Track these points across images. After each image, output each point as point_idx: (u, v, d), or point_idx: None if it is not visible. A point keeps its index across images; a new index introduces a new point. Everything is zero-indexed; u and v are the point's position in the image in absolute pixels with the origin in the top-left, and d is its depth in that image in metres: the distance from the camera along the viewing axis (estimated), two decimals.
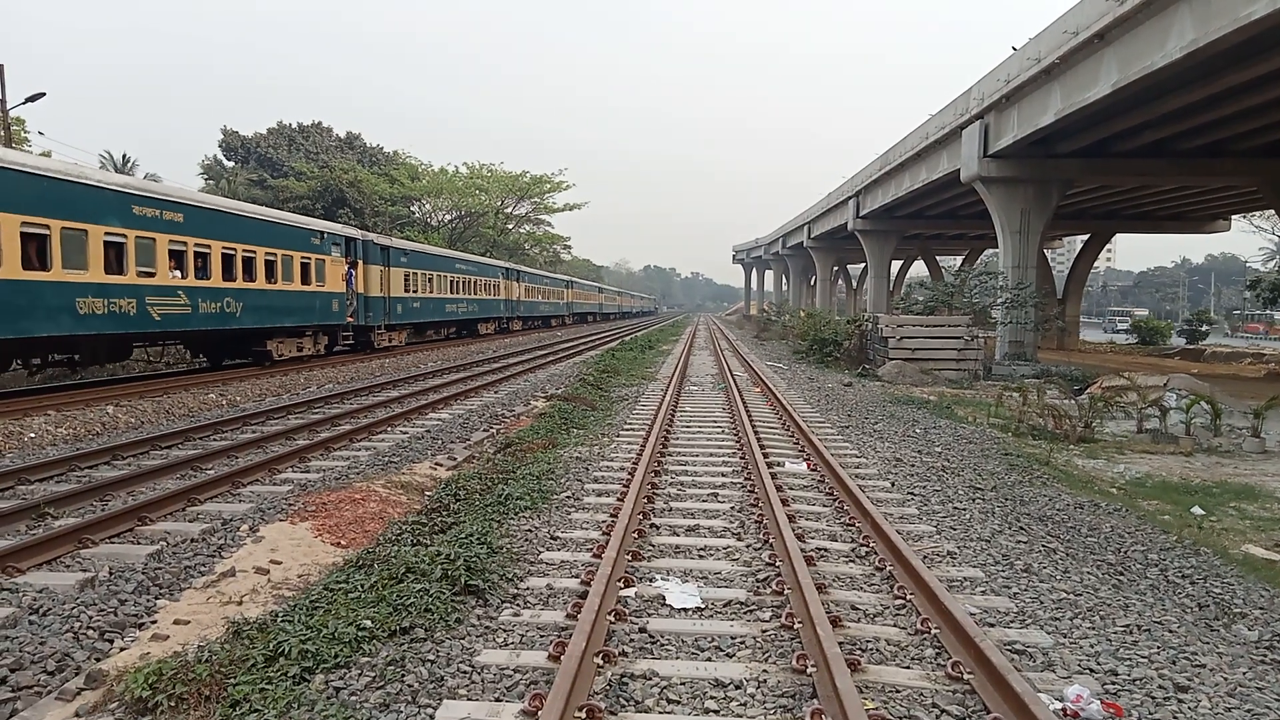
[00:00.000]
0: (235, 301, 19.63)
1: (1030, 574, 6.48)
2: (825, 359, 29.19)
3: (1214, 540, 8.07)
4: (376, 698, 4.30)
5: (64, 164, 16.51)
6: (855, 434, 13.28)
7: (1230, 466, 12.25)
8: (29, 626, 5.36)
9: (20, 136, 34.22)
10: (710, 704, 4.38)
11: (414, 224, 61.54)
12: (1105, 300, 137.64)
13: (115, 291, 15.65)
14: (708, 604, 5.76)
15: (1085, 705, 4.27)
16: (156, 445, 11.57)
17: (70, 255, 14.56)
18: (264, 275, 20.98)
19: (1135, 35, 18.28)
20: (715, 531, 7.57)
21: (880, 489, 9.33)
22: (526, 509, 8.12)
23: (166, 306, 17.21)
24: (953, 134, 29.64)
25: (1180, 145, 26.03)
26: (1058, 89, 22.16)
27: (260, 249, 20.79)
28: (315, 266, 23.66)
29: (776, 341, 44.20)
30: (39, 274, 13.94)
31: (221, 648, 4.75)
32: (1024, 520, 8.23)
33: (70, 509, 8.16)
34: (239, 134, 67.21)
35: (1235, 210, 43.21)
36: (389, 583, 5.66)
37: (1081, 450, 13.20)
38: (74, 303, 14.65)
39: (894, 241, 50.02)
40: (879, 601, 5.82)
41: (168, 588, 6.24)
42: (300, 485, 9.45)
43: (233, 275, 19.60)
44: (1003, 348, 28.37)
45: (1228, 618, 5.93)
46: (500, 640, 5.10)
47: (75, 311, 14.68)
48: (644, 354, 31.67)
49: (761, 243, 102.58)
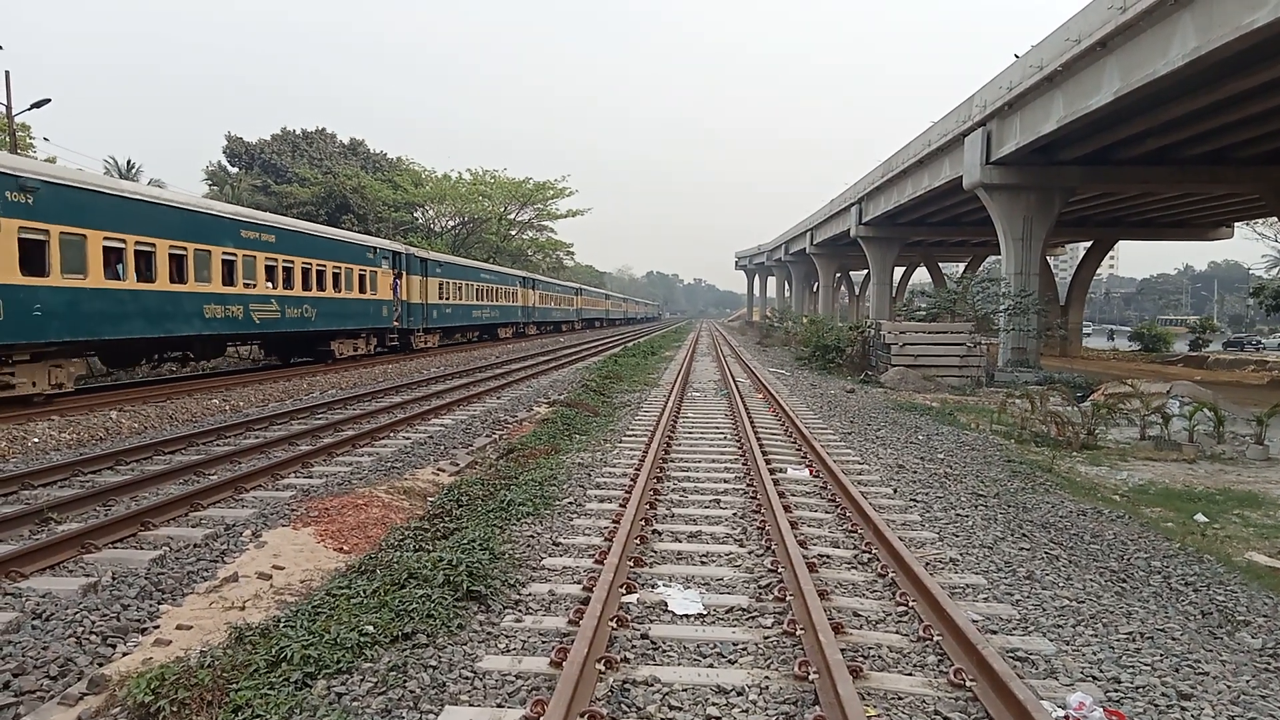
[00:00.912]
0: (311, 308, 23.21)
1: (1033, 581, 6.47)
2: (828, 365, 29.19)
3: (1217, 547, 8.05)
4: (379, 703, 4.30)
5: (194, 199, 20.96)
6: (857, 440, 13.27)
7: (1233, 473, 12.22)
8: (32, 631, 5.37)
9: (25, 142, 34.34)
10: (712, 710, 4.37)
11: (417, 230, 61.66)
12: (1109, 308, 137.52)
13: (230, 300, 19.42)
14: (710, 610, 5.76)
15: (1088, 713, 4.27)
16: (160, 450, 11.59)
17: (199, 271, 18.27)
18: (331, 286, 24.62)
19: (1137, 43, 18.30)
20: (717, 538, 7.57)
21: (882, 495, 9.33)
22: (529, 515, 8.13)
23: (263, 312, 20.81)
24: (955, 141, 29.66)
25: (1183, 152, 26.03)
26: (1060, 96, 22.18)
27: (329, 263, 24.46)
28: (370, 277, 27.41)
29: (779, 348, 44.20)
30: (179, 286, 17.66)
31: (224, 653, 4.76)
32: (1026, 527, 8.23)
33: (73, 514, 8.18)
34: (243, 140, 67.43)
35: (1238, 217, 43.15)
36: (391, 588, 5.66)
37: (1084, 457, 13.18)
38: (202, 308, 18.40)
39: (897, 248, 50.00)
40: (881, 608, 5.82)
41: (170, 593, 6.25)
42: (303, 490, 9.47)
43: (309, 286, 23.20)
44: (1005, 354, 28.34)
45: (1231, 625, 5.91)
46: (502, 646, 5.10)
47: (203, 315, 18.46)
48: (646, 360, 31.68)
49: (764, 249, 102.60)
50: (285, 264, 21.99)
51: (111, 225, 15.72)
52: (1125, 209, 39.67)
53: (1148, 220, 43.28)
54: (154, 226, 16.96)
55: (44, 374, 14.76)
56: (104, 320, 15.49)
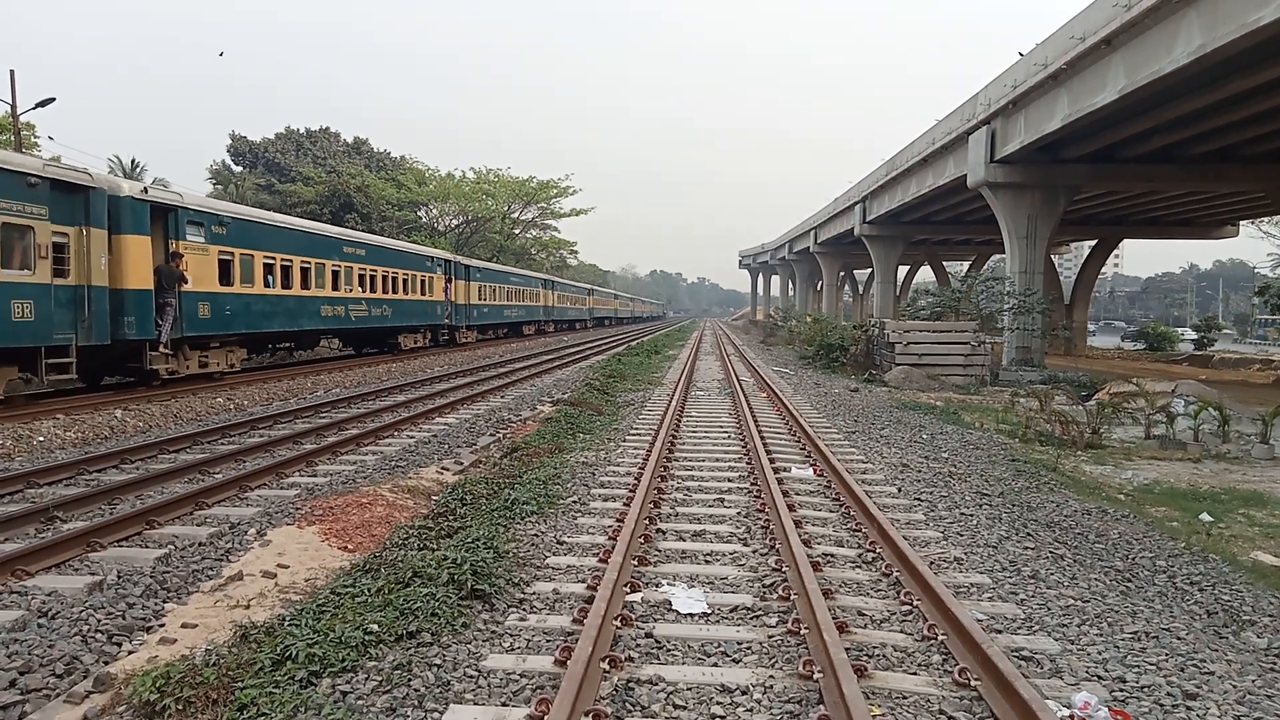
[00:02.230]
0: (388, 308, 28.61)
1: (1037, 580, 6.47)
2: (831, 364, 29.17)
3: (1222, 547, 8.04)
4: (383, 702, 4.30)
5: (313, 224, 26.65)
6: (861, 439, 13.26)
7: (1239, 473, 12.20)
8: (37, 629, 5.38)
9: (30, 142, 34.42)
10: (716, 709, 4.37)
11: (421, 229, 61.71)
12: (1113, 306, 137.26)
13: (336, 302, 24.71)
14: (714, 609, 5.75)
15: (1093, 712, 4.26)
16: (164, 449, 11.61)
17: (318, 280, 23.52)
18: (402, 290, 30.14)
19: (1142, 41, 18.26)
20: (721, 537, 7.57)
21: (887, 494, 9.32)
22: (533, 514, 8.13)
23: (357, 311, 26.10)
24: (959, 139, 29.61)
25: (1188, 151, 25.97)
26: (1065, 95, 22.14)
27: (400, 271, 29.99)
28: (428, 282, 32.95)
29: (783, 347, 44.19)
30: (304, 291, 22.66)
31: (229, 651, 4.77)
32: (1031, 526, 8.21)
33: (79, 512, 8.19)
34: (247, 139, 67.53)
35: (1243, 216, 43.03)
36: (396, 587, 5.67)
37: (1089, 456, 13.16)
38: (319, 309, 23.53)
39: (900, 247, 49.91)
40: (886, 607, 5.81)
41: (175, 591, 6.26)
42: (308, 489, 9.48)
43: (387, 290, 28.63)
44: (1010, 353, 28.29)
45: (1236, 625, 5.90)
46: (506, 645, 5.11)
47: (320, 314, 23.63)
48: (650, 359, 31.69)
49: (768, 248, 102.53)
50: (371, 273, 27.31)
51: (267, 247, 20.88)
52: (1130, 207, 39.58)
53: (1153, 219, 43.18)
54: (291, 246, 22.19)
55: (224, 357, 19.46)
56: (263, 318, 20.64)
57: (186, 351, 17.94)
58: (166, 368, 17.14)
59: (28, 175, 13.58)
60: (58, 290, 14.08)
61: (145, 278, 16.14)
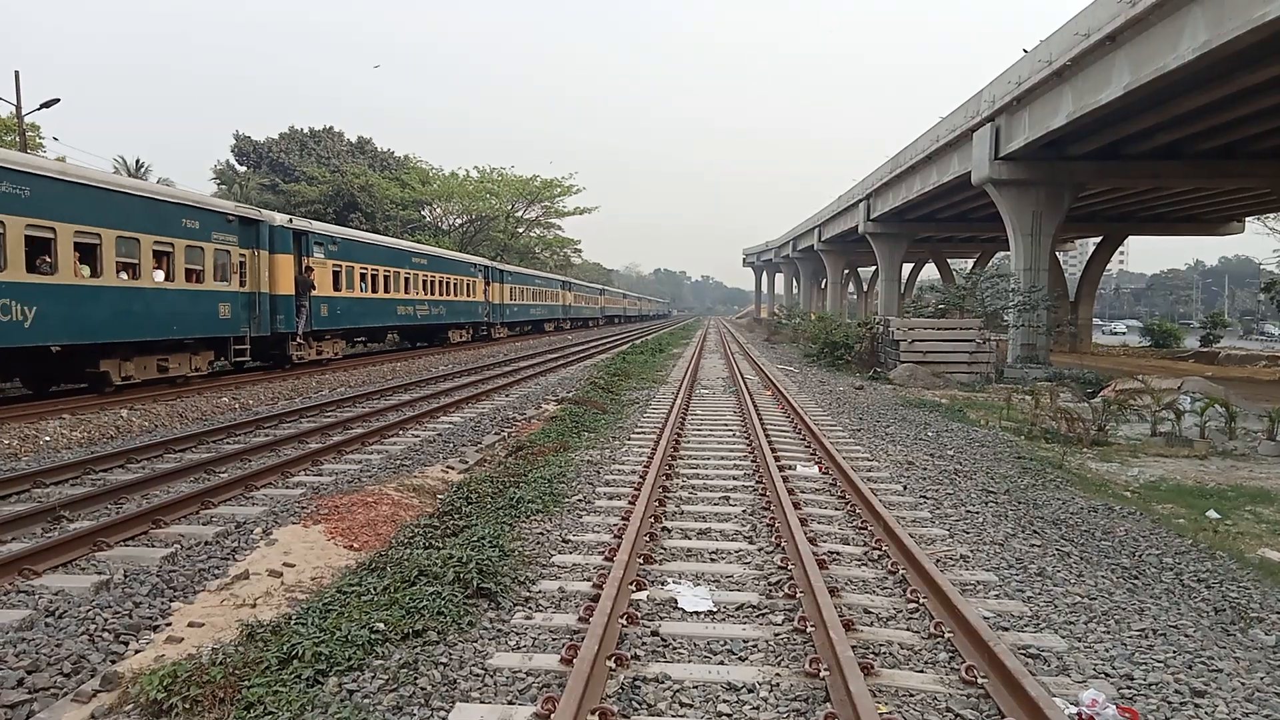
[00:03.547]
0: (444, 308, 34.50)
1: (1044, 578, 6.45)
2: (836, 362, 29.12)
3: (1230, 544, 8.01)
4: (390, 700, 4.31)
5: (395, 240, 34.84)
6: (867, 437, 13.24)
7: (1245, 470, 12.16)
8: (45, 629, 5.40)
9: (35, 142, 34.49)
10: (723, 707, 4.37)
11: (425, 228, 61.75)
12: (1119, 303, 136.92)
13: (406, 304, 30.32)
14: (720, 607, 5.75)
15: (1101, 710, 4.24)
16: (170, 449, 11.63)
17: (395, 285, 29.14)
18: (453, 292, 35.88)
19: (1147, 37, 18.19)
20: (727, 535, 7.56)
21: (892, 492, 9.30)
22: (538, 512, 8.13)
23: (421, 311, 31.83)
24: (964, 136, 29.55)
25: (1193, 147, 25.87)
26: (1069, 91, 22.07)
27: (451, 276, 35.74)
28: (472, 285, 38.94)
29: (787, 345, 44.14)
30: (385, 295, 28.21)
31: (236, 650, 4.77)
32: (1038, 524, 8.19)
33: (85, 512, 8.22)
34: (251, 139, 67.62)
35: (1249, 212, 42.88)
36: (402, 585, 5.67)
37: (1095, 453, 13.13)
38: (396, 309, 29.25)
39: (905, 244, 49.83)
40: (892, 605, 5.80)
41: (182, 590, 6.28)
42: (313, 488, 9.49)
43: (443, 292, 34.49)
44: (1015, 351, 28.24)
45: (1244, 622, 5.88)
46: (513, 643, 5.11)
47: (396, 313, 29.37)
48: (654, 357, 31.68)
49: (772, 246, 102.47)
50: (430, 278, 32.83)
51: (361, 259, 26.39)
52: (1135, 204, 39.48)
53: (1158, 215, 43.08)
54: (376, 258, 27.71)
55: (332, 347, 24.47)
56: (359, 316, 25.98)
57: (310, 342, 22.89)
58: (299, 354, 22.15)
59: (227, 215, 19.11)
60: (242, 296, 19.43)
61: (290, 285, 21.35)
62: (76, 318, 14.28)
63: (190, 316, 17.54)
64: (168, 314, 16.79)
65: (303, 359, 22.37)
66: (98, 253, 14.88)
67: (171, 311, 16.91)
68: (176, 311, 17.08)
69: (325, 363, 23.89)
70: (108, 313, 15.03)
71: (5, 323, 12.76)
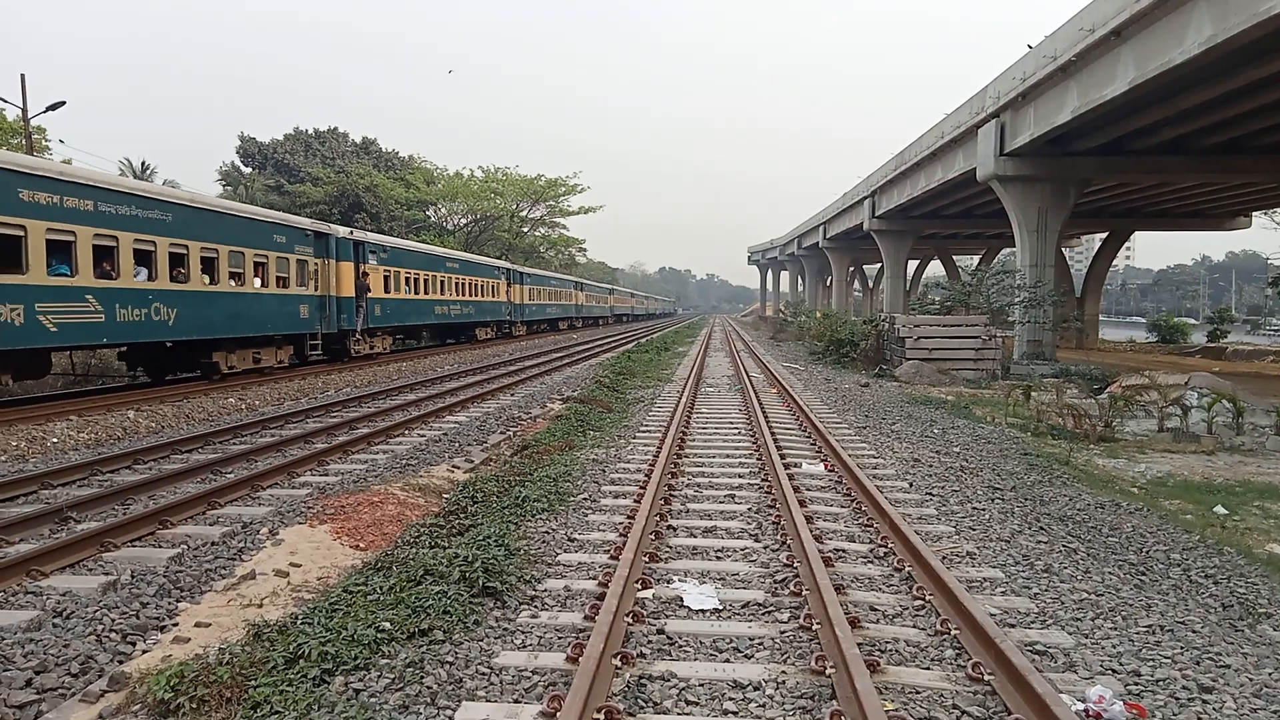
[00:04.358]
0: (472, 308, 37.95)
1: (1051, 574, 6.43)
2: (842, 360, 29.08)
3: (1237, 540, 7.98)
4: (396, 699, 4.31)
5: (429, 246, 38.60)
6: (872, 434, 13.22)
7: (1253, 465, 12.11)
8: (53, 629, 5.41)
9: (41, 145, 34.60)
10: (729, 705, 4.37)
11: (429, 228, 61.81)
12: (1125, 299, 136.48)
13: (442, 304, 33.60)
14: (725, 605, 5.74)
15: (1108, 706, 4.23)
16: (177, 449, 11.66)
17: (431, 287, 32.28)
18: (481, 293, 39.39)
19: (1152, 32, 18.13)
20: (732, 533, 7.56)
21: (898, 489, 9.29)
22: (544, 511, 8.13)
23: (454, 310, 35.26)
24: (969, 133, 29.48)
25: (1199, 142, 25.78)
26: (1074, 87, 22.00)
27: (479, 279, 39.21)
28: (496, 286, 42.33)
29: (793, 343, 44.09)
30: (425, 296, 31.55)
31: (242, 650, 4.78)
32: (1044, 520, 8.17)
33: (92, 513, 8.24)
34: (256, 140, 67.79)
35: (1256, 207, 42.69)
36: (407, 585, 5.68)
37: (1102, 449, 13.09)
38: (433, 308, 32.60)
39: (910, 241, 49.76)
40: (898, 602, 5.79)
41: (189, 591, 6.30)
42: (319, 488, 9.51)
43: (472, 294, 37.97)
44: (1021, 347, 28.18)
45: (1252, 618, 5.86)
46: (518, 642, 5.11)
47: (434, 312, 32.67)
48: (659, 355, 31.67)
49: (777, 243, 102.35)
50: (461, 281, 36.35)
51: (406, 265, 29.69)
52: (1141, 199, 39.33)
53: (1164, 210, 42.91)
54: (417, 263, 31.00)
55: (381, 342, 27.73)
56: (404, 315, 29.32)
57: (365, 338, 26.03)
58: (356, 349, 25.51)
59: (305, 230, 22.55)
60: (315, 299, 22.70)
61: (350, 289, 24.75)
62: (202, 318, 17.62)
63: (279, 316, 20.97)
64: (263, 314, 20.16)
65: (359, 353, 25.69)
66: (215, 265, 18.19)
67: (266, 312, 20.27)
68: (269, 312, 20.43)
69: (376, 356, 27.00)
70: (222, 314, 18.34)
71: (158, 321, 16.24)
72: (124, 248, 15.29)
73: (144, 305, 15.80)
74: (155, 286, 16.06)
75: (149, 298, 15.91)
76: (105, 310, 14.80)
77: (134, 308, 15.54)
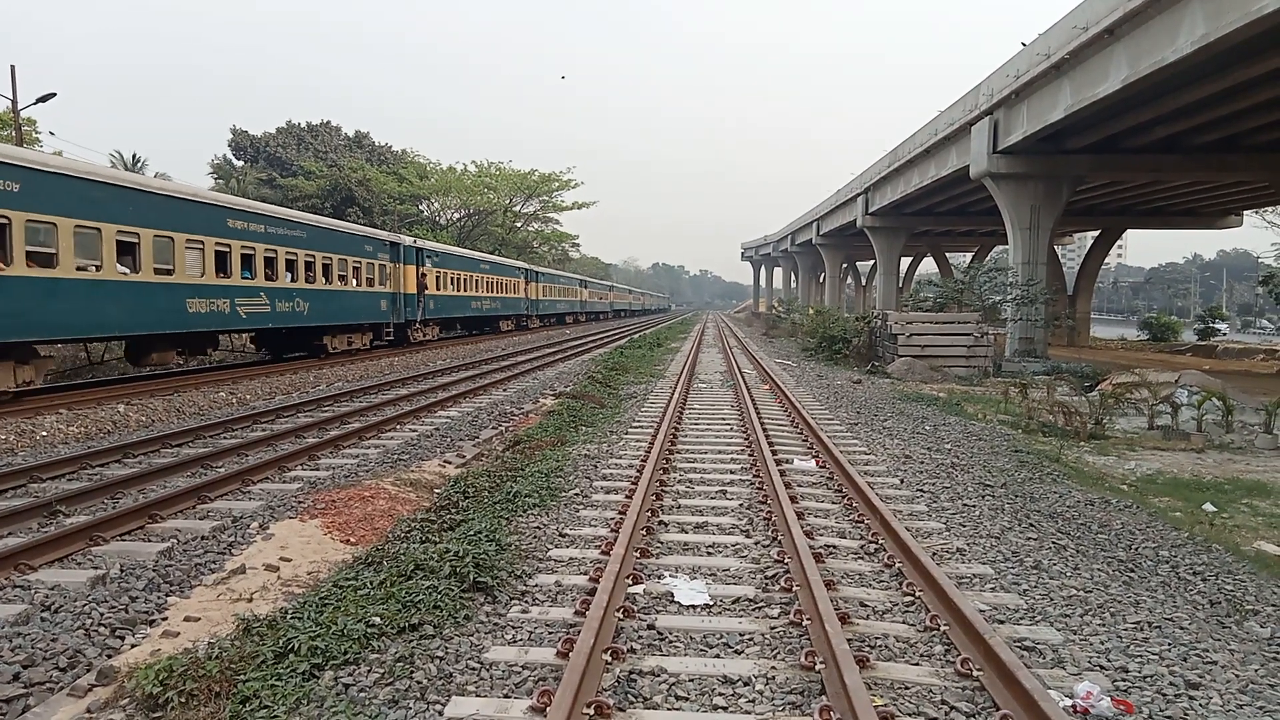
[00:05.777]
0: (499, 303, 43.85)
1: (1040, 571, 6.46)
2: (834, 356, 29.13)
3: (1226, 537, 8.02)
4: (386, 694, 4.31)
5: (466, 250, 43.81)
6: (864, 431, 13.25)
7: (1242, 463, 12.17)
8: (41, 623, 5.39)
9: (31, 137, 34.38)
10: (719, 700, 4.38)
11: (422, 223, 61.65)
12: (1117, 297, 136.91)
13: (475, 300, 39.20)
14: (716, 601, 5.75)
15: (1095, 702, 4.25)
16: (167, 443, 11.62)
17: (468, 285, 37.83)
18: (505, 290, 45.09)
19: (1146, 30, 18.18)
20: (724, 529, 7.56)
21: (889, 486, 9.31)
22: (535, 506, 8.13)
23: (487, 304, 41.35)
24: (962, 130, 29.53)
25: (1192, 140, 25.87)
26: (1068, 85, 22.05)
27: (503, 278, 44.91)
28: (515, 284, 47.89)
29: (785, 339, 44.13)
30: (464, 293, 37.28)
31: (232, 644, 4.77)
32: (1034, 517, 8.20)
33: (81, 507, 8.21)
34: (248, 133, 67.41)
35: (1247, 206, 42.85)
36: (398, 580, 5.67)
37: (1092, 447, 13.14)
38: (470, 303, 38.17)
39: (903, 238, 49.84)
40: (888, 598, 5.81)
41: (178, 585, 6.28)
42: (310, 483, 9.49)
43: (499, 291, 43.78)
44: (1013, 344, 28.26)
45: (1240, 615, 5.89)
46: (509, 637, 5.11)
47: (470, 307, 38.24)
48: (652, 351, 31.66)
49: (770, 240, 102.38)
50: (491, 280, 42.26)
51: (451, 266, 35.29)
52: (1133, 197, 39.47)
53: (1156, 209, 43.05)
54: (459, 265, 36.72)
55: (431, 331, 33.17)
56: (449, 309, 34.98)
57: (421, 328, 31.75)
58: (414, 336, 31.21)
59: (384, 240, 28.65)
60: (389, 295, 28.49)
61: (413, 286, 30.68)
62: (324, 310, 23.53)
63: (368, 309, 27.02)
64: (358, 307, 26.28)
65: (416, 339, 31.47)
66: (330, 269, 24.09)
67: (360, 306, 26.40)
68: (362, 306, 26.57)
69: (427, 343, 32.56)
70: (335, 307, 24.39)
71: (298, 313, 21.98)
72: (280, 258, 21.27)
73: (290, 300, 21.54)
74: (297, 286, 22.10)
75: (294, 295, 21.79)
76: (270, 304, 20.49)
77: (285, 301, 21.29)
